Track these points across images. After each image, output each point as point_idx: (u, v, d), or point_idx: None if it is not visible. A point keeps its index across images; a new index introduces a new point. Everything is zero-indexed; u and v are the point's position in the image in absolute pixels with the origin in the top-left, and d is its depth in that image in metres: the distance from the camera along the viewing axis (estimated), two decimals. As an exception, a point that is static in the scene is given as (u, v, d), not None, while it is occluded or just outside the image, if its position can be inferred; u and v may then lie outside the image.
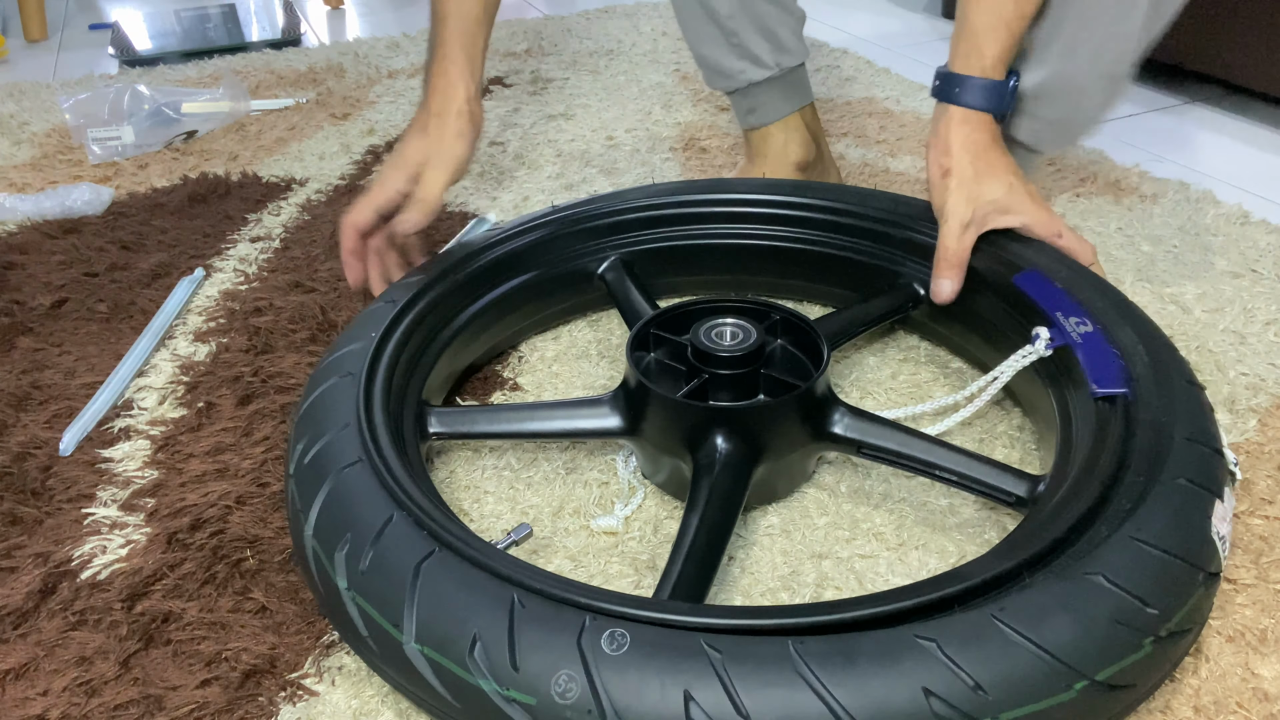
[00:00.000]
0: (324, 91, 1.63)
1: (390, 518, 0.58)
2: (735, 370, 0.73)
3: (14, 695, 0.61)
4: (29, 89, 1.68)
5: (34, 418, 0.86)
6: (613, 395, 0.75)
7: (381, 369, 0.72)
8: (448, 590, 0.53)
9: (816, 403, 0.72)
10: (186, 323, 1.00)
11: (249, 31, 2.02)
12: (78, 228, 1.18)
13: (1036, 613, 0.50)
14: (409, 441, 0.71)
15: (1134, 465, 0.59)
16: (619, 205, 0.93)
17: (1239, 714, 0.58)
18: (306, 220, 1.20)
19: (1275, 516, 0.71)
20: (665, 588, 0.60)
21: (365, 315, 0.79)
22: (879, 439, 0.71)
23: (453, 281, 0.84)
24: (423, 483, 0.65)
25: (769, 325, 0.78)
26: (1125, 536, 0.54)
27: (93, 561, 0.71)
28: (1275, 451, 0.77)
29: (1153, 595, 0.52)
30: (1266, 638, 0.62)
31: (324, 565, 0.58)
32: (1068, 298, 0.74)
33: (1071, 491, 0.60)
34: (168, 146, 1.43)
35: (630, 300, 0.88)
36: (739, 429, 0.69)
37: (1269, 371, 0.86)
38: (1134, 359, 0.68)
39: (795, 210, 0.93)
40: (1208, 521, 0.56)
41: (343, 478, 0.62)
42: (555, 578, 0.54)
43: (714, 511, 0.65)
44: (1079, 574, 0.52)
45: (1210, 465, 0.60)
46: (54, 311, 1.02)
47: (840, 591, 0.66)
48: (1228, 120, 1.44)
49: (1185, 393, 0.65)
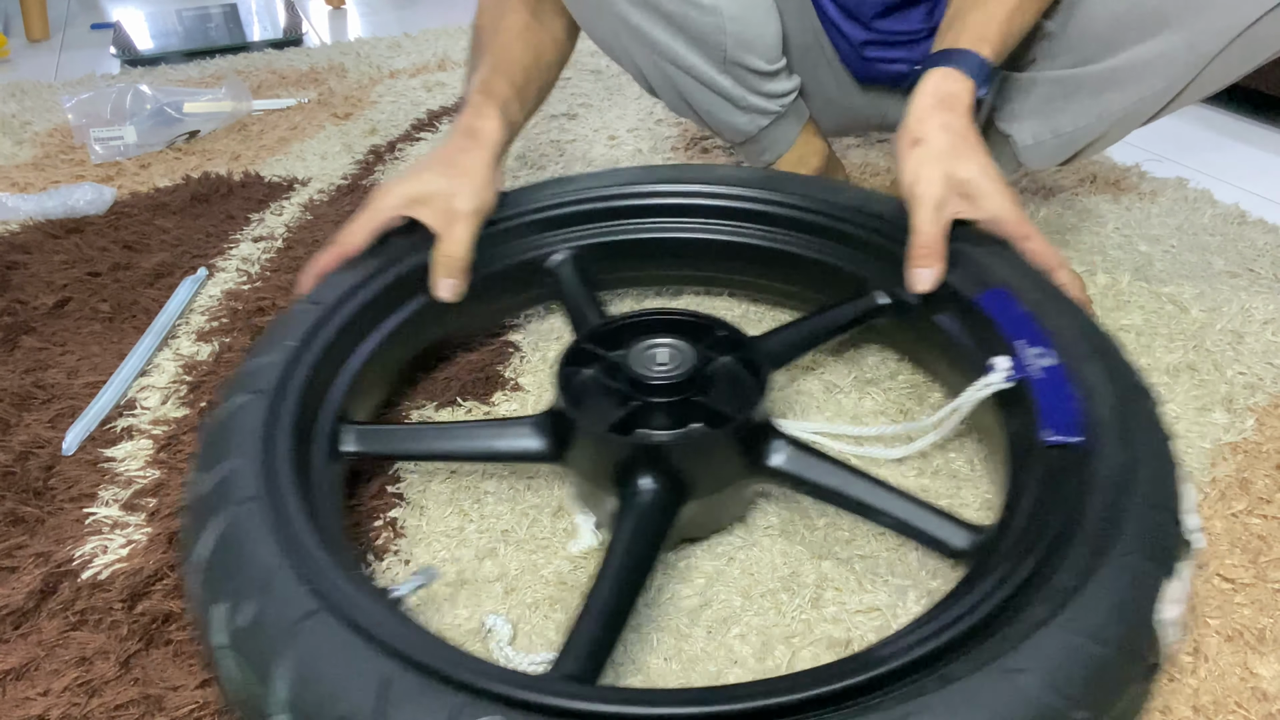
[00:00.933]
0: (326, 91, 1.63)
1: (276, 569, 0.53)
2: (669, 398, 0.68)
3: (14, 695, 0.61)
4: (31, 89, 1.68)
5: (36, 417, 0.86)
6: (538, 418, 0.70)
7: (297, 384, 0.67)
8: (320, 659, 0.49)
9: (753, 434, 0.66)
10: (189, 322, 1.00)
11: (251, 31, 2.02)
12: (80, 227, 1.19)
13: (947, 719, 0.45)
14: (317, 467, 0.66)
15: (1082, 533, 0.54)
16: (572, 195, 0.87)
17: (1238, 714, 0.58)
18: (309, 220, 1.20)
19: (1273, 516, 0.71)
20: (566, 657, 0.55)
21: (286, 318, 0.74)
22: (819, 476, 0.66)
23: (385, 280, 0.78)
24: (329, 517, 0.61)
25: (712, 341, 0.73)
26: (1061, 626, 0.48)
27: (94, 561, 0.71)
28: (1273, 451, 0.77)
29: (1083, 696, 0.46)
30: (1265, 637, 0.62)
31: (204, 617, 0.54)
32: (1033, 323, 0.67)
33: (1013, 555, 0.55)
34: (170, 146, 1.43)
35: (577, 303, 0.83)
36: (666, 464, 0.64)
37: (1266, 370, 0.86)
38: (1099, 401, 0.61)
39: (760, 206, 0.87)
40: (1155, 608, 0.51)
41: (234, 518, 0.57)
42: (438, 648, 0.50)
43: (628, 563, 0.61)
44: (1004, 669, 0.46)
45: (1168, 538, 0.54)
46: (57, 311, 1.02)
47: (840, 592, 0.67)
48: (1227, 120, 1.44)
49: (1152, 446, 0.58)
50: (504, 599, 0.67)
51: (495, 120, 0.85)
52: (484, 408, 0.85)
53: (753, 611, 0.66)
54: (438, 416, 0.85)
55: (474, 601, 0.67)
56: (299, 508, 0.58)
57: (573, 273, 0.86)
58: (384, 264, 0.79)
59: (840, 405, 0.84)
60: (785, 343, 0.79)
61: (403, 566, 0.70)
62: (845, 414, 0.83)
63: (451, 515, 0.74)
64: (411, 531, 0.73)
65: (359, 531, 0.73)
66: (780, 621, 0.65)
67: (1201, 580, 0.66)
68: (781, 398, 0.85)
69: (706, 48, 0.91)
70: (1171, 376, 0.85)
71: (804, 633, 0.64)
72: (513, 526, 0.73)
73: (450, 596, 0.68)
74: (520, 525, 0.73)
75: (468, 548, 0.71)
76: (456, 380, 0.88)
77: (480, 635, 0.64)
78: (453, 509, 0.75)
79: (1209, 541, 0.69)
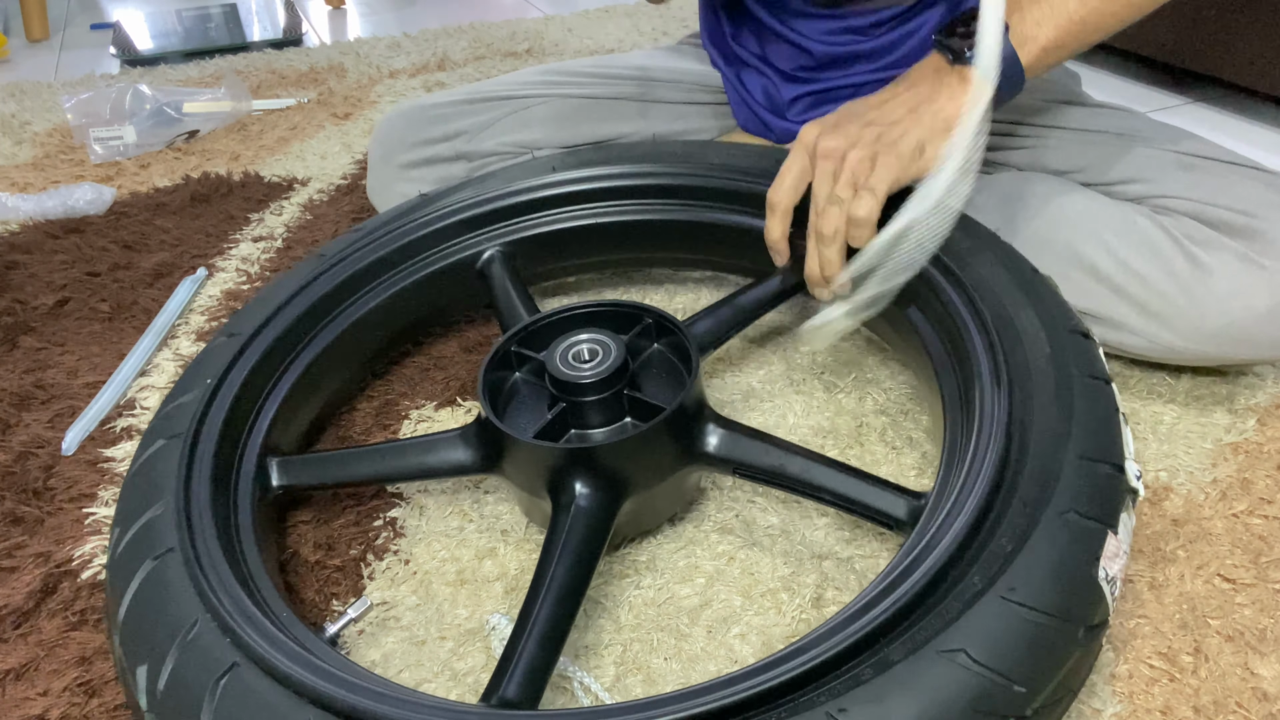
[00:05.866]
0: (325, 91, 1.63)
1: (194, 623, 0.52)
2: (596, 396, 0.66)
3: (14, 695, 0.61)
4: (31, 89, 1.68)
5: (36, 417, 0.86)
6: (464, 430, 0.68)
7: (214, 423, 0.65)
8: (243, 715, 0.47)
9: (686, 421, 0.64)
10: (189, 322, 1.00)
11: (250, 31, 2.02)
12: (80, 227, 1.19)
13: (880, 709, 0.43)
14: (243, 506, 0.64)
15: (1018, 492, 0.52)
16: (494, 191, 0.84)
17: (1238, 714, 0.58)
18: (308, 220, 1.20)
19: (1274, 516, 0.71)
20: (506, 671, 0.54)
21: (204, 355, 0.72)
22: (755, 457, 0.64)
23: (305, 302, 0.75)
24: (253, 558, 0.60)
25: (640, 330, 0.71)
26: (997, 596, 0.47)
27: (94, 561, 0.71)
28: (1274, 451, 0.77)
29: (1023, 670, 0.45)
30: (1266, 637, 0.62)
31: (128, 681, 0.53)
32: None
33: (948, 520, 0.52)
34: (169, 146, 1.43)
35: (509, 301, 0.80)
36: (598, 467, 0.62)
37: (1267, 371, 0.86)
38: (1033, 349, 0.59)
39: (685, 180, 0.85)
40: (1096, 565, 0.49)
41: (152, 573, 0.55)
42: (366, 689, 0.48)
43: (567, 573, 0.59)
44: (938, 650, 0.45)
45: (1107, 490, 0.52)
46: (56, 311, 1.02)
47: (840, 592, 0.67)
48: (1228, 120, 1.44)
49: (1088, 393, 0.57)
50: (504, 599, 0.67)
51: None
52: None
53: (753, 611, 0.65)
54: (437, 416, 0.84)
55: (474, 601, 0.67)
56: (221, 557, 0.57)
57: (502, 269, 0.84)
58: (299, 287, 0.77)
59: (840, 405, 0.84)
60: (716, 324, 0.76)
61: (402, 566, 0.70)
62: (845, 413, 0.83)
63: (451, 515, 0.74)
64: (411, 531, 0.73)
65: (358, 531, 0.73)
66: (780, 621, 0.65)
67: (1202, 580, 0.66)
68: (782, 398, 0.85)
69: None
70: (1173, 376, 0.85)
71: (804, 633, 0.64)
72: (513, 526, 0.73)
73: (450, 597, 0.68)
74: (520, 525, 0.73)
75: (468, 548, 0.71)
76: (456, 380, 0.88)
77: (482, 634, 0.64)
78: (453, 509, 0.75)
79: (1210, 542, 0.69)
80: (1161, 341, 0.78)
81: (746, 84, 1.03)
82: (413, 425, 0.84)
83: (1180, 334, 0.77)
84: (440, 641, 0.64)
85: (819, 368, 0.88)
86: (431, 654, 0.64)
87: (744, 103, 1.04)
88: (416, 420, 0.84)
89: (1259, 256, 0.74)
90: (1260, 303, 0.74)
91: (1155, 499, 0.73)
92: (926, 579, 0.48)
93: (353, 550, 0.71)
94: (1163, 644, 0.62)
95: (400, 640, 0.65)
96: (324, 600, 0.67)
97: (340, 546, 0.71)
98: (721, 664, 0.62)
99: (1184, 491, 0.73)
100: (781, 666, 0.45)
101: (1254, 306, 0.74)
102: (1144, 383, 0.84)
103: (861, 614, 0.48)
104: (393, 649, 0.64)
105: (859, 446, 0.79)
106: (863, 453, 0.78)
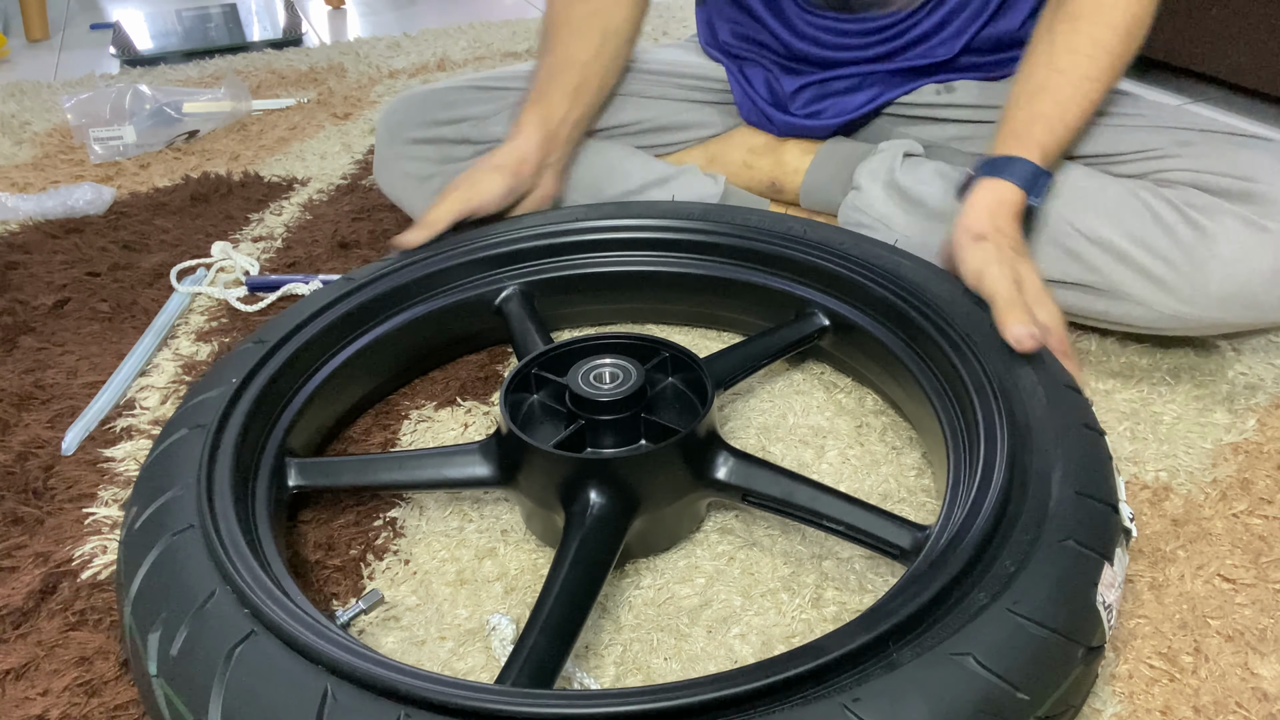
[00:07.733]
0: (325, 91, 1.63)
1: (212, 594, 0.53)
2: (613, 415, 0.68)
3: (14, 695, 0.61)
4: (30, 89, 1.68)
5: (36, 417, 0.86)
6: (484, 443, 0.70)
7: (237, 419, 0.67)
8: (258, 680, 0.48)
9: (698, 447, 0.67)
10: (189, 322, 1.00)
11: (250, 31, 2.02)
12: (80, 227, 1.19)
13: (891, 703, 0.46)
14: (261, 499, 0.66)
15: (1020, 522, 0.55)
16: (518, 232, 0.88)
17: (1238, 714, 0.58)
18: (308, 220, 1.20)
19: (1274, 516, 0.71)
20: (513, 667, 0.55)
21: (230, 357, 0.74)
22: (763, 486, 0.67)
23: (330, 318, 0.79)
24: (269, 546, 0.61)
25: (658, 363, 0.74)
26: (1002, 609, 0.50)
27: (93, 561, 0.71)
28: (1274, 451, 0.77)
29: (1026, 679, 0.47)
30: (1266, 637, 0.62)
31: (138, 647, 0.53)
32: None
33: (952, 545, 0.56)
34: (169, 146, 1.43)
35: (526, 334, 0.83)
36: (612, 480, 0.64)
37: (1267, 371, 0.86)
38: (1032, 402, 0.64)
39: (701, 236, 0.89)
40: (1094, 590, 0.52)
41: (170, 546, 0.57)
42: (379, 661, 0.49)
43: (578, 576, 0.60)
44: (946, 654, 0.48)
45: (1102, 524, 0.56)
46: (56, 311, 1.02)
47: (840, 592, 0.67)
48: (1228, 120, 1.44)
49: (1082, 440, 0.61)
50: (504, 599, 0.67)
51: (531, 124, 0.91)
52: (484, 408, 0.85)
53: (753, 611, 0.65)
54: (437, 416, 0.84)
55: (474, 601, 0.67)
56: (240, 536, 0.58)
57: (520, 306, 0.86)
58: (327, 304, 0.80)
59: (840, 405, 0.84)
60: (732, 362, 0.79)
61: (402, 566, 0.70)
62: (845, 413, 0.83)
63: (451, 515, 0.74)
64: (411, 531, 0.73)
65: (358, 531, 0.73)
66: (780, 621, 0.65)
67: (1202, 580, 0.66)
68: (782, 398, 0.85)
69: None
70: (1173, 377, 0.85)
71: (804, 633, 0.64)
72: (513, 526, 0.73)
73: (450, 597, 0.68)
74: (520, 525, 0.73)
75: (468, 548, 0.71)
76: (456, 380, 0.88)
77: (483, 634, 0.64)
78: (452, 509, 0.75)
79: (1210, 542, 0.69)
80: (1167, 309, 0.78)
81: (749, 77, 1.04)
82: (412, 425, 0.84)
83: (1186, 300, 0.77)
84: (440, 642, 0.64)
85: (819, 368, 0.88)
86: (431, 654, 0.64)
87: (747, 96, 1.04)
88: (416, 420, 0.84)
89: (1262, 219, 0.75)
90: (1265, 264, 0.75)
91: (1155, 499, 0.73)
92: (933, 593, 0.51)
93: (353, 550, 0.71)
94: (1163, 644, 0.62)
95: (400, 640, 0.65)
96: (324, 600, 0.67)
97: (340, 546, 0.71)
98: (721, 664, 0.62)
99: (1184, 491, 0.74)
100: (798, 662, 0.47)
101: (1259, 268, 0.75)
102: (1144, 382, 0.84)
103: (872, 619, 0.50)
104: (392, 649, 0.64)
105: (859, 446, 0.79)
106: (863, 453, 0.78)
